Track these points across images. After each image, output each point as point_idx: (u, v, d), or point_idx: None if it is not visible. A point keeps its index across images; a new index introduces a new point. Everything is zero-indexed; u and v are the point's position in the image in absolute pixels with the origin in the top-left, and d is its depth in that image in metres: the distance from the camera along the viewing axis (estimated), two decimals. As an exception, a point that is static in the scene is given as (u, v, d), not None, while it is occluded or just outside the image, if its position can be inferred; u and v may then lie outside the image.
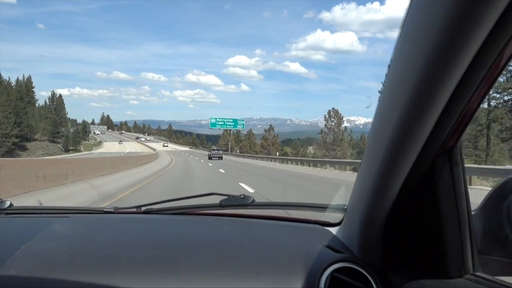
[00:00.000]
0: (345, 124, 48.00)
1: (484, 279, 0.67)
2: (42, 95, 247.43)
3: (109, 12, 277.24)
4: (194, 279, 0.79)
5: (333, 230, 1.02)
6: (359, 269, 0.79)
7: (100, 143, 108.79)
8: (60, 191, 8.29)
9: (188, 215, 1.25)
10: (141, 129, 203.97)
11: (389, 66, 0.63)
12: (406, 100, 0.58)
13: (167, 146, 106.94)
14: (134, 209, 1.29)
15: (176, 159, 37.73)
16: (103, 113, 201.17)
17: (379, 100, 0.68)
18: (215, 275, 0.80)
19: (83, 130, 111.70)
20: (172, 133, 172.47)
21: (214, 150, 48.28)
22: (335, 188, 9.84)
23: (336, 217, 1.05)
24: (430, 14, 0.51)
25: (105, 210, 1.28)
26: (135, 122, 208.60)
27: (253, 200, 1.18)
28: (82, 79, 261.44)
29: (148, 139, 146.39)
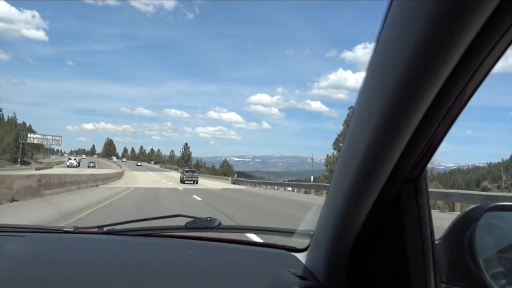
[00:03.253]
0: None
1: None
2: (68, 130, 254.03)
3: (136, 51, 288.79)
4: None
5: (300, 256, 1.01)
6: None
7: (61, 163, 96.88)
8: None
9: (152, 236, 1.21)
10: (148, 156, 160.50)
11: (359, 93, 0.64)
12: (374, 129, 0.59)
13: (140, 165, 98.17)
14: (96, 229, 1.24)
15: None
16: (125, 146, 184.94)
17: (349, 127, 0.69)
18: None
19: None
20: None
21: (187, 172, 39.49)
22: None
23: (302, 242, 1.04)
24: (396, 47, 0.52)
25: (64, 229, 1.23)
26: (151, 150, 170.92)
27: (220, 223, 1.16)
28: (107, 114, 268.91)
29: (124, 160, 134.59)
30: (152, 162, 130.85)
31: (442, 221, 0.78)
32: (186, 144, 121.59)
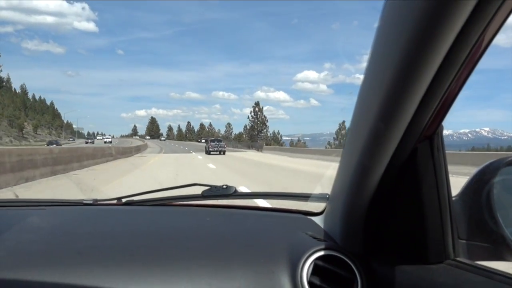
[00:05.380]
0: None
1: (465, 264, 0.68)
2: (123, 117, 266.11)
3: (182, 36, 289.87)
4: (176, 268, 0.78)
5: (316, 219, 1.02)
6: (341, 256, 0.79)
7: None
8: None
9: (169, 206, 1.24)
10: (198, 134, 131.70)
11: (370, 51, 0.62)
12: (386, 86, 0.58)
13: (164, 140, 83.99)
14: (114, 201, 1.27)
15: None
16: (169, 124, 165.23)
17: (360, 87, 0.67)
18: (197, 264, 0.79)
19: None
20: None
21: (213, 141, 35.49)
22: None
23: (318, 206, 1.04)
24: (406, 7, 0.51)
25: (84, 202, 1.26)
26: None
27: (236, 190, 1.17)
28: (157, 100, 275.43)
29: (162, 139, 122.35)
30: (203, 140, 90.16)
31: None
32: (228, 124, 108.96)
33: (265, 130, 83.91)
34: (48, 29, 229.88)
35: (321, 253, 0.80)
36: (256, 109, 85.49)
